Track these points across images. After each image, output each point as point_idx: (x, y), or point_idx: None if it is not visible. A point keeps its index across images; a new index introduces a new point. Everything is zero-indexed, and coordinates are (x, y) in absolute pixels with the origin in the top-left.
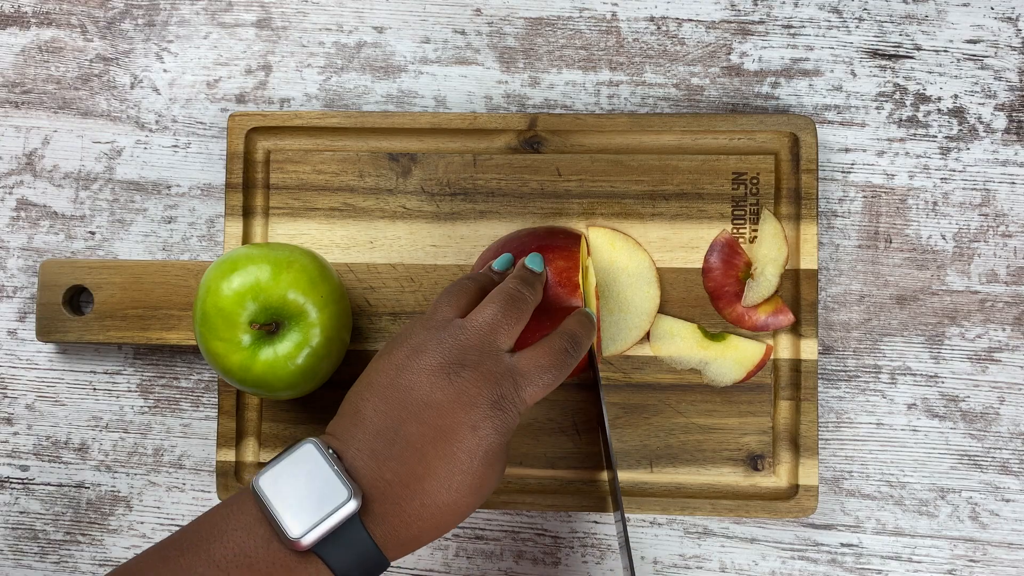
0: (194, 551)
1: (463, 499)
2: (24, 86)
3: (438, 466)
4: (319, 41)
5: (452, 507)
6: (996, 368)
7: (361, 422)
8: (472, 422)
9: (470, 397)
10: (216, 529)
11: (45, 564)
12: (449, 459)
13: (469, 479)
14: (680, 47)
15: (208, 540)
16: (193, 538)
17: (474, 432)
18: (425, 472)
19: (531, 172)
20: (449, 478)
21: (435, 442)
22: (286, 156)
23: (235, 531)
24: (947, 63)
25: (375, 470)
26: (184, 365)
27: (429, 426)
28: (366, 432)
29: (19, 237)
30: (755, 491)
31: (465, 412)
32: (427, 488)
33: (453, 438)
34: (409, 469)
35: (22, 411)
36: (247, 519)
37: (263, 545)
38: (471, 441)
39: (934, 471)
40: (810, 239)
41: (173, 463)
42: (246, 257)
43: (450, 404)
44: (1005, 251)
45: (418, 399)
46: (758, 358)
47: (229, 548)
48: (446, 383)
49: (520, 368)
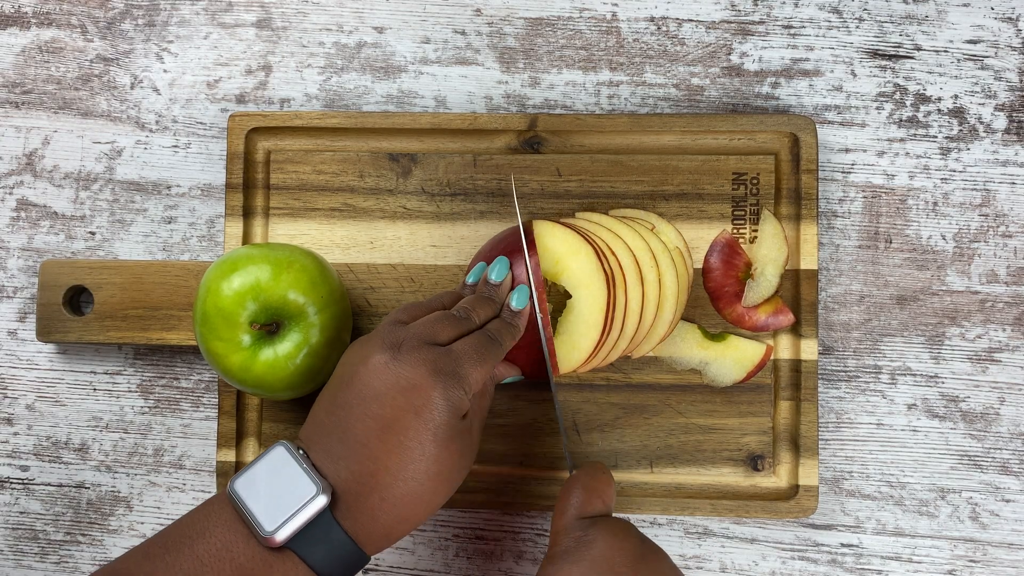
0: (177, 548)
1: (423, 487)
2: (24, 86)
3: (387, 459)
4: (319, 41)
5: (413, 497)
6: (996, 368)
7: (318, 424)
8: (414, 406)
9: (408, 380)
10: (199, 527)
11: (45, 564)
12: (398, 450)
13: (424, 466)
14: (680, 47)
15: (192, 538)
16: (176, 536)
17: (418, 416)
18: (376, 467)
19: (531, 172)
20: (402, 469)
21: (381, 434)
22: (286, 156)
23: (216, 528)
24: (947, 63)
25: (334, 470)
26: (184, 365)
27: (373, 419)
28: (321, 433)
29: (19, 237)
30: (755, 491)
31: (405, 396)
32: (381, 482)
33: (398, 427)
34: (361, 466)
35: (22, 411)
36: (226, 518)
37: (244, 541)
38: (416, 425)
39: (934, 471)
40: (810, 239)
41: (173, 463)
42: (246, 257)
43: (390, 391)
44: (1005, 251)
45: (361, 393)
46: (758, 358)
47: (212, 545)
48: (385, 371)
49: (456, 350)
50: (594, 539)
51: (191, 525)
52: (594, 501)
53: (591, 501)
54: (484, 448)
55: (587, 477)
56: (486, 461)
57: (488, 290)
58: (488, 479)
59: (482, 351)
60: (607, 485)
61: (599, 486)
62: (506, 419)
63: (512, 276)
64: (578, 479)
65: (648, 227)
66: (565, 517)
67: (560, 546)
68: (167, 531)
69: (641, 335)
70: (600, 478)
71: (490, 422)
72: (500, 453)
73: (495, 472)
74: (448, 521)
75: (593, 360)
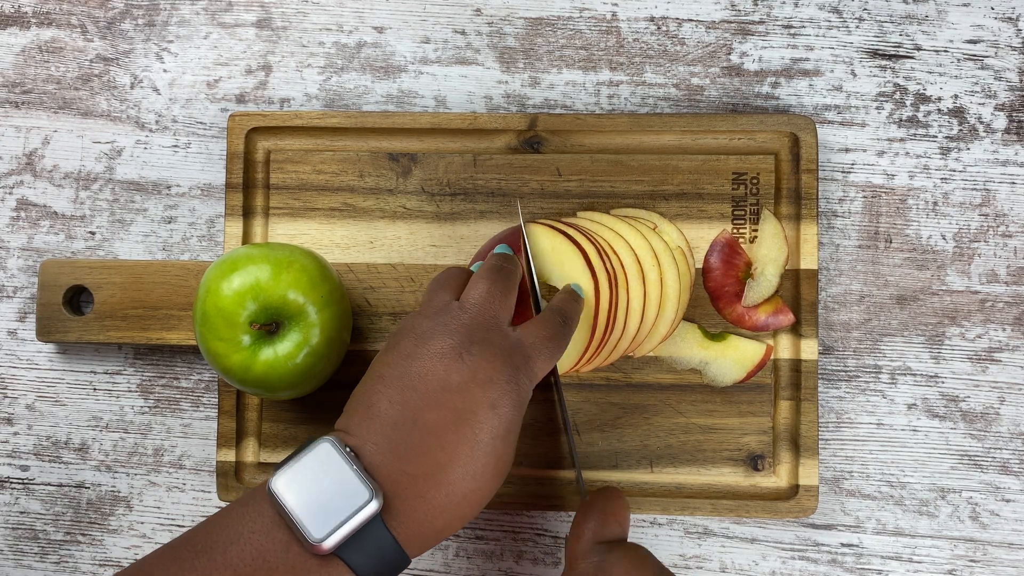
0: (209, 553)
1: (487, 483)
2: (24, 86)
3: (462, 451)
4: (319, 41)
5: (477, 493)
6: (996, 368)
7: (376, 416)
8: (491, 400)
9: (486, 374)
10: (231, 531)
11: (45, 564)
12: (471, 442)
13: (492, 461)
14: (680, 47)
15: (224, 542)
16: (207, 539)
17: (494, 410)
18: (448, 460)
19: (531, 172)
20: (473, 462)
21: (456, 426)
22: (286, 156)
23: (252, 534)
24: (947, 63)
25: (396, 464)
26: (184, 365)
27: (448, 410)
28: (383, 426)
29: (19, 237)
30: (755, 491)
31: (483, 390)
32: (452, 477)
33: (474, 419)
34: (432, 459)
35: (22, 411)
36: (264, 522)
37: (282, 549)
38: (492, 419)
39: (934, 471)
40: (810, 239)
41: (173, 463)
42: (246, 257)
43: (467, 384)
44: (1005, 251)
45: (434, 384)
46: (758, 358)
47: (247, 551)
48: (459, 364)
49: (526, 341)
50: (613, 565)
51: (225, 527)
52: (611, 525)
53: (608, 525)
54: None
55: (604, 501)
56: None
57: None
58: None
59: (554, 338)
60: (623, 509)
61: (616, 510)
62: None
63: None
64: (594, 503)
65: (650, 226)
66: (582, 541)
67: (577, 571)
68: (197, 531)
69: (643, 334)
70: (616, 503)
71: None
72: None
73: None
74: None
75: (595, 359)
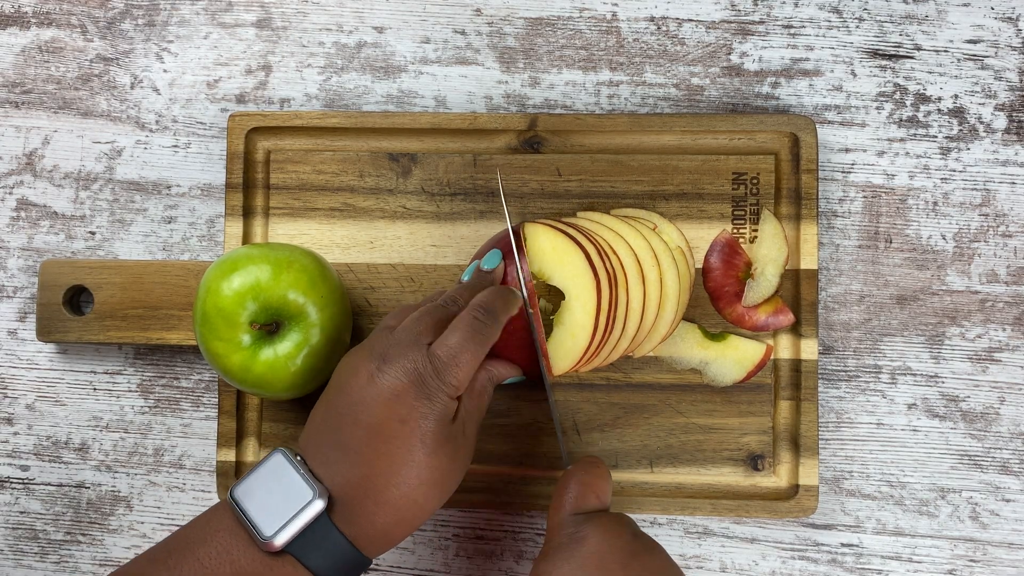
0: (180, 553)
1: (416, 491)
2: (24, 86)
3: (379, 464)
4: (319, 41)
5: (407, 500)
6: (996, 368)
7: (314, 430)
8: (400, 415)
9: (393, 391)
10: (201, 533)
11: (45, 564)
12: (388, 455)
13: (415, 471)
14: (680, 47)
15: (194, 543)
16: (180, 542)
17: (403, 424)
18: (369, 471)
19: (531, 172)
20: (393, 473)
21: (371, 441)
22: (286, 156)
23: (218, 533)
24: (947, 63)
25: (330, 474)
26: (184, 365)
27: (362, 426)
28: (318, 439)
29: (19, 237)
30: (755, 491)
31: (390, 407)
32: (375, 486)
33: (386, 434)
34: (354, 470)
35: (22, 411)
36: (228, 523)
37: (244, 546)
38: (403, 433)
39: (934, 471)
40: (810, 239)
41: (173, 463)
42: (246, 257)
43: (377, 402)
44: (1005, 251)
45: (351, 401)
46: (758, 358)
47: (214, 549)
48: (371, 383)
49: (435, 353)
50: (587, 535)
51: (194, 531)
52: (588, 496)
53: (586, 496)
54: (484, 448)
55: (582, 472)
56: (486, 461)
57: (479, 278)
58: (488, 479)
59: (467, 338)
60: (602, 480)
61: (594, 481)
62: (506, 419)
63: (505, 268)
64: (573, 474)
65: (650, 227)
66: (560, 513)
67: (553, 542)
68: (172, 537)
69: (642, 335)
70: (595, 472)
71: (490, 422)
72: (500, 453)
73: (495, 472)
74: (448, 521)
75: (595, 359)
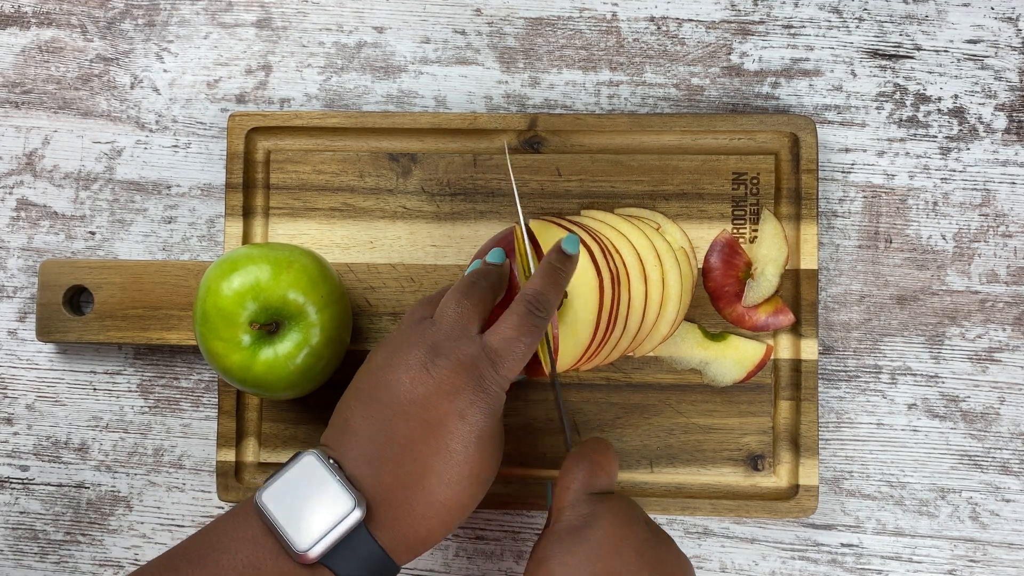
0: (201, 563)
1: (465, 491)
2: (24, 86)
3: (434, 462)
4: (319, 41)
5: (456, 501)
6: (996, 368)
7: (351, 430)
8: (458, 410)
9: (451, 385)
10: (223, 541)
11: (45, 564)
12: (444, 452)
13: (467, 469)
14: (680, 47)
15: (216, 551)
16: (200, 549)
17: (463, 420)
18: (423, 470)
19: (531, 172)
20: (447, 472)
21: (426, 438)
22: (286, 156)
23: (242, 543)
24: (947, 63)
25: (374, 476)
26: (184, 365)
27: (417, 422)
28: (358, 439)
29: (19, 237)
30: (755, 491)
31: (449, 401)
32: (427, 486)
33: (443, 430)
34: (406, 470)
35: (22, 411)
36: (253, 533)
37: (271, 558)
38: (462, 429)
39: (934, 471)
40: (810, 239)
41: (173, 463)
42: (246, 257)
43: (433, 396)
44: (1005, 251)
45: (401, 397)
46: (758, 358)
47: (237, 560)
48: (425, 376)
49: (491, 345)
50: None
51: (216, 538)
52: (599, 474)
53: (597, 475)
54: None
55: (593, 452)
56: None
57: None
58: None
59: (522, 334)
60: (612, 461)
61: (604, 460)
62: (506, 419)
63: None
64: (583, 453)
65: (654, 227)
66: (570, 492)
67: (563, 521)
68: (190, 542)
69: (643, 334)
70: (605, 453)
71: None
72: None
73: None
74: None
75: (595, 358)
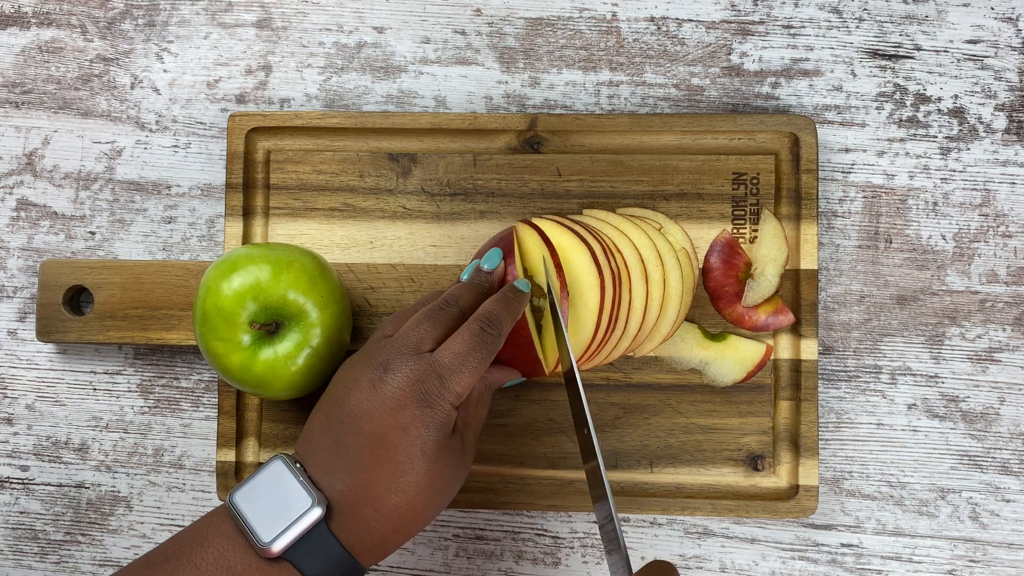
0: (177, 557)
1: (416, 499)
2: (24, 86)
3: (380, 471)
4: (319, 41)
5: (406, 508)
6: (996, 368)
7: (312, 438)
8: (401, 424)
9: (395, 400)
10: (198, 537)
11: (45, 564)
12: (389, 463)
13: (415, 479)
14: (680, 47)
15: (191, 547)
16: (177, 546)
17: (405, 433)
18: (370, 479)
19: (531, 172)
20: (393, 481)
21: (372, 449)
22: (286, 156)
23: (216, 538)
24: (947, 63)
25: (329, 482)
26: (184, 365)
27: (364, 435)
28: (317, 447)
29: (19, 237)
30: (755, 491)
31: (392, 416)
32: (375, 493)
33: (387, 443)
34: (355, 478)
35: (22, 411)
36: (226, 528)
37: (240, 552)
38: (404, 442)
39: (934, 471)
40: (810, 239)
41: (173, 463)
42: (246, 257)
43: (377, 412)
44: (1005, 251)
45: (351, 411)
46: (758, 358)
47: (210, 554)
48: (372, 392)
49: (440, 361)
50: None
51: (191, 535)
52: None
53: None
54: (484, 448)
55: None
56: (486, 461)
57: (480, 278)
58: (488, 479)
59: (473, 350)
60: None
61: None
62: (506, 419)
63: (505, 267)
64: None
65: (656, 227)
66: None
67: None
68: (169, 541)
69: (644, 334)
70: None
71: (490, 422)
72: (500, 453)
73: (495, 472)
74: (448, 521)
75: (596, 357)
